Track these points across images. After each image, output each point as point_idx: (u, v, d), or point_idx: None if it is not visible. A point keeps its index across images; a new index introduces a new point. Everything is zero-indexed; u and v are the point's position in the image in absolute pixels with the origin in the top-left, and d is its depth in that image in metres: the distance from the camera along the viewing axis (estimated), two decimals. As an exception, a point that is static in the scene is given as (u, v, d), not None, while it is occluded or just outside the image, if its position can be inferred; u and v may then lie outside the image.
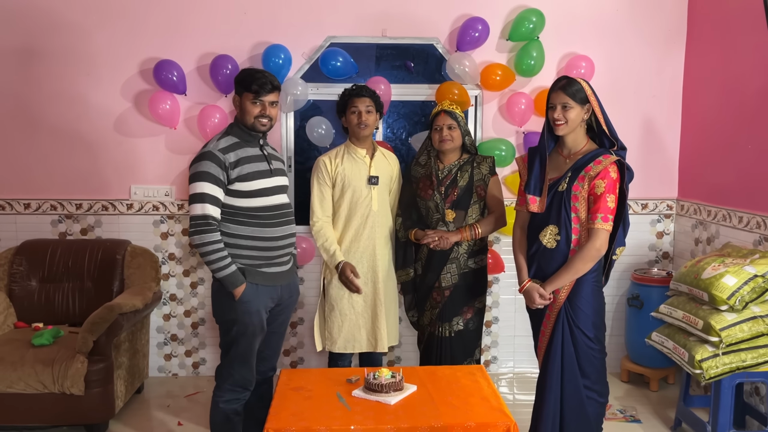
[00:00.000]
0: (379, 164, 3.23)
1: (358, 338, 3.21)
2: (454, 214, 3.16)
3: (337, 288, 3.19)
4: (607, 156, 2.65)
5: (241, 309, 2.71)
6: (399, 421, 2.32)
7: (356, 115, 3.14)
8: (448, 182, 3.18)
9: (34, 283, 3.73)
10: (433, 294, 3.19)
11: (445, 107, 3.19)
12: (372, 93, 3.20)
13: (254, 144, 2.79)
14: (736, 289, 2.89)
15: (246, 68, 2.86)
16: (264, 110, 2.72)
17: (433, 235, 3.11)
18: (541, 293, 2.72)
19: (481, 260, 3.24)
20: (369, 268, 3.19)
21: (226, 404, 2.79)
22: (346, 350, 3.22)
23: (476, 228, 3.14)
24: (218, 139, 2.73)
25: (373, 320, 3.20)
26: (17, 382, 3.14)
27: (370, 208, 3.17)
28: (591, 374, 2.74)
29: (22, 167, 3.96)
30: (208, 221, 2.63)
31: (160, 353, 4.14)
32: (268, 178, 2.77)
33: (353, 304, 3.19)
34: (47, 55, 3.88)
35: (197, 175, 2.64)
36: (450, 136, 3.14)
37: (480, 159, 3.23)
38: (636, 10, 4.03)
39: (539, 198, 2.75)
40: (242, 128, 2.77)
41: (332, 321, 3.21)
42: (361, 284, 3.17)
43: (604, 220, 2.62)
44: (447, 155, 3.22)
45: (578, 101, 2.65)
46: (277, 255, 2.80)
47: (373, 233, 3.18)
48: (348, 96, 3.19)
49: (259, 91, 2.69)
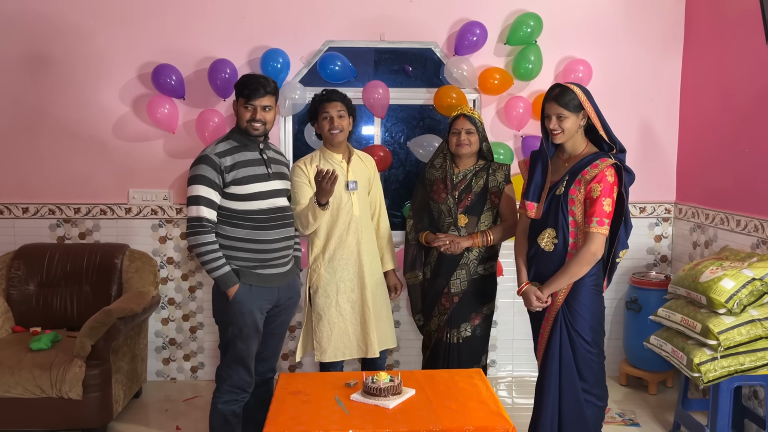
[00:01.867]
0: (356, 168, 3.18)
1: (347, 345, 3.15)
2: (466, 219, 3.15)
3: (323, 297, 3.13)
4: (604, 159, 2.66)
5: (234, 309, 2.74)
6: (397, 425, 2.32)
7: (328, 121, 3.08)
8: (463, 187, 3.17)
9: (32, 287, 3.73)
10: (442, 300, 3.18)
11: (464, 111, 3.17)
12: (343, 97, 3.14)
13: (253, 148, 2.82)
14: (734, 293, 2.89)
15: (247, 74, 2.87)
16: (255, 114, 2.75)
17: (444, 238, 3.10)
18: (538, 296, 2.73)
19: (491, 267, 3.23)
20: (355, 273, 3.14)
21: (224, 405, 2.82)
22: (336, 358, 3.15)
23: (488, 235, 3.12)
24: (217, 143, 2.79)
25: (363, 325, 3.15)
26: (15, 386, 3.13)
27: (352, 213, 3.11)
28: (589, 378, 2.75)
29: (20, 171, 3.96)
30: (203, 223, 2.69)
31: (159, 357, 4.14)
32: (264, 181, 2.79)
33: (341, 312, 3.13)
34: (46, 60, 3.88)
35: (194, 179, 2.71)
36: (468, 140, 3.13)
37: (496, 166, 3.21)
38: (633, 15, 4.04)
39: (537, 204, 2.76)
40: (241, 132, 2.82)
41: (321, 331, 3.13)
42: (347, 290, 3.13)
43: (599, 224, 2.62)
44: (463, 160, 3.20)
45: (572, 110, 2.66)
46: (273, 257, 2.82)
47: (357, 238, 3.12)
48: (318, 102, 3.13)
49: (250, 95, 2.74)
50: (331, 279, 3.12)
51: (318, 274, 3.13)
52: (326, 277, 3.12)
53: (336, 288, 3.13)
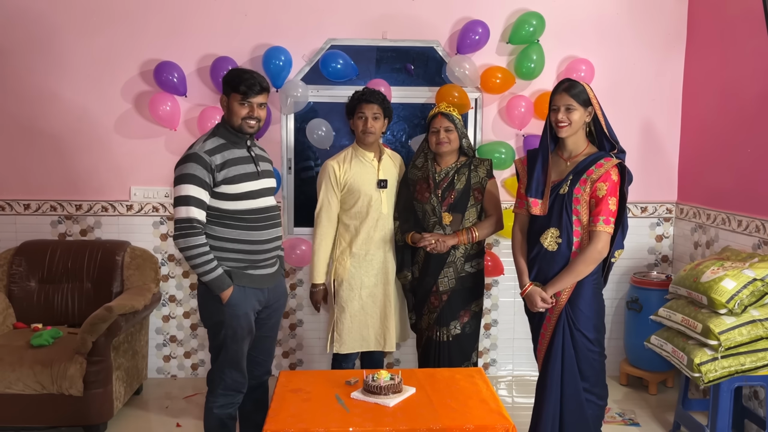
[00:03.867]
0: (386, 167, 3.24)
1: (366, 337, 3.23)
2: (451, 217, 3.15)
3: (347, 290, 3.19)
4: (608, 159, 2.66)
5: (229, 312, 2.66)
6: (397, 423, 2.32)
7: (363, 121, 3.13)
8: (445, 185, 3.17)
9: (33, 283, 3.73)
10: (431, 298, 3.19)
11: (442, 109, 3.18)
12: (381, 99, 3.17)
13: (241, 145, 2.72)
14: (735, 293, 2.89)
15: (234, 68, 2.79)
16: (252, 112, 2.65)
17: (429, 238, 3.10)
18: (543, 297, 2.72)
19: (478, 264, 3.24)
20: (380, 269, 3.21)
21: (220, 409, 2.76)
22: (353, 350, 3.23)
23: (473, 231, 3.13)
24: (204, 140, 2.65)
25: (383, 320, 3.23)
26: (16, 382, 3.14)
27: (380, 211, 3.18)
28: (590, 377, 2.75)
29: (22, 168, 3.97)
30: (193, 224, 2.56)
31: (159, 354, 4.14)
32: (254, 180, 2.71)
33: (363, 306, 3.21)
34: (48, 57, 3.89)
35: (182, 178, 2.57)
36: (447, 138, 3.14)
37: (477, 162, 3.22)
38: (636, 14, 4.03)
39: (541, 201, 2.75)
40: (229, 129, 2.69)
41: (342, 323, 3.21)
42: (371, 285, 3.21)
43: (606, 223, 2.62)
44: (444, 158, 3.21)
45: (581, 103, 2.66)
46: (264, 258, 2.75)
47: (384, 235, 3.21)
48: (357, 100, 3.16)
49: (247, 92, 2.62)
50: (356, 273, 3.19)
51: (344, 267, 3.20)
52: (351, 270, 3.19)
53: (360, 282, 3.20)
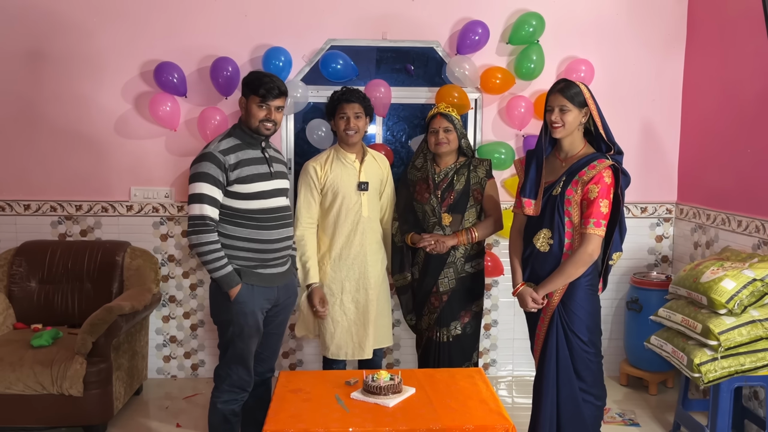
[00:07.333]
0: (369, 169, 3.20)
1: (349, 344, 3.19)
2: (450, 217, 3.15)
3: (328, 295, 3.16)
4: (601, 161, 2.65)
5: (236, 309, 2.72)
6: (397, 423, 2.32)
7: (344, 121, 3.11)
8: (445, 186, 3.17)
9: (33, 284, 3.74)
10: (431, 299, 3.19)
11: (441, 110, 3.18)
12: (362, 98, 3.15)
13: (256, 146, 2.80)
14: (735, 293, 2.89)
15: (255, 71, 2.85)
16: (269, 114, 2.73)
17: (429, 238, 3.10)
18: (534, 297, 2.72)
19: (478, 264, 3.24)
20: (360, 274, 3.16)
21: (224, 405, 2.81)
22: (338, 356, 3.19)
23: (473, 232, 3.13)
24: (220, 140, 2.74)
25: (364, 327, 3.18)
26: (16, 383, 3.14)
27: (360, 214, 3.14)
28: (587, 377, 2.74)
29: (22, 168, 3.97)
30: (206, 222, 2.64)
31: (159, 355, 4.14)
32: (267, 180, 2.77)
33: (345, 311, 3.17)
34: (48, 57, 3.89)
35: (197, 176, 2.66)
36: (446, 139, 3.14)
37: (477, 162, 3.22)
38: (636, 14, 4.03)
39: (534, 201, 2.76)
40: (245, 130, 2.78)
41: (325, 327, 3.19)
42: (352, 290, 3.16)
43: (596, 225, 2.62)
44: (443, 158, 3.21)
45: (576, 104, 2.66)
46: (274, 257, 2.80)
47: (364, 239, 3.15)
48: (337, 101, 3.14)
49: (266, 95, 2.71)
50: (336, 277, 3.15)
51: (324, 271, 3.16)
52: (331, 275, 3.15)
53: (341, 287, 3.16)
